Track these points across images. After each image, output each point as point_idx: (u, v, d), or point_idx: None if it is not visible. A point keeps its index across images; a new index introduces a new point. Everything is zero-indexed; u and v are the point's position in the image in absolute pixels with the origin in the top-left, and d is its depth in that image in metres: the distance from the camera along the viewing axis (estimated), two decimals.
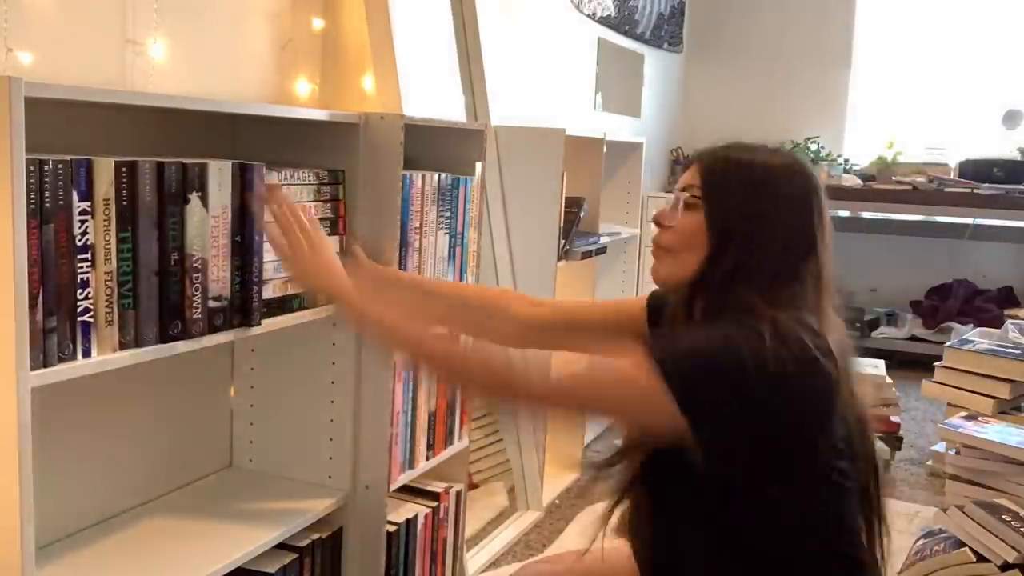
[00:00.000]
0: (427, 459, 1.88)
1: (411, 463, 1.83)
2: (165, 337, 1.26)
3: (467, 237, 1.93)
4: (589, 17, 3.65)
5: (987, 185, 4.41)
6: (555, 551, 2.32)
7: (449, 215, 1.85)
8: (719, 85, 5.16)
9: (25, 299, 1.05)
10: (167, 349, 1.27)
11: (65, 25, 1.40)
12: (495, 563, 2.27)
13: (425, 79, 2.27)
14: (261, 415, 1.78)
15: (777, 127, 4.98)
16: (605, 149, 2.91)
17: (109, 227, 1.17)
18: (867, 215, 4.77)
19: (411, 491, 1.93)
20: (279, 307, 1.49)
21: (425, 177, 1.75)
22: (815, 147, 4.88)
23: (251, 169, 1.37)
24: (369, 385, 1.71)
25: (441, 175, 1.80)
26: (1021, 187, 4.38)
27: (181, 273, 1.27)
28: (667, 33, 4.63)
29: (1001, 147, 4.66)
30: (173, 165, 1.25)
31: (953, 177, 4.57)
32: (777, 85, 5.07)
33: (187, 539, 1.50)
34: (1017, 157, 4.55)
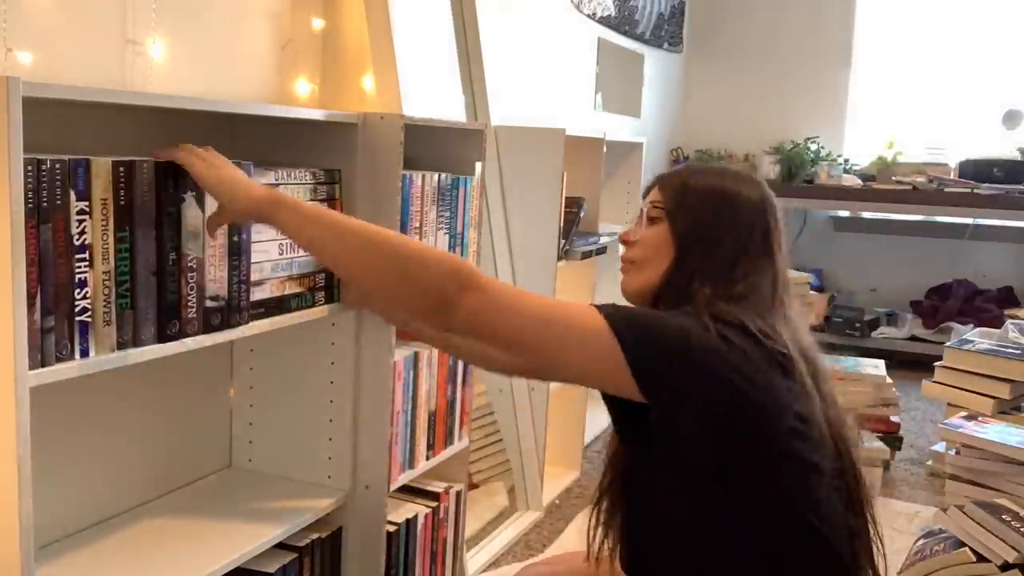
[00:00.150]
0: (427, 459, 1.88)
1: (411, 463, 1.83)
2: (163, 337, 1.26)
3: (467, 237, 1.93)
4: (589, 17, 3.65)
5: (987, 185, 4.41)
6: (555, 551, 2.32)
7: (449, 215, 1.85)
8: (719, 85, 5.16)
9: (23, 299, 1.05)
10: (165, 349, 1.27)
11: (65, 25, 1.40)
12: (495, 563, 2.27)
13: (425, 79, 2.27)
14: (261, 415, 1.78)
15: (777, 127, 4.99)
16: (605, 149, 2.91)
17: (107, 227, 1.17)
18: (867, 215, 4.77)
19: (411, 491, 1.93)
20: (278, 307, 1.49)
21: (425, 177, 1.74)
22: (815, 147, 4.88)
23: (247, 168, 1.37)
24: (369, 385, 1.71)
25: (441, 175, 1.80)
26: (1021, 187, 4.38)
27: (178, 273, 1.27)
28: (667, 33, 4.63)
29: (1001, 147, 4.66)
30: (170, 165, 1.25)
31: (953, 177, 4.57)
32: (777, 85, 5.07)
33: (187, 539, 1.50)
34: (1017, 157, 4.55)
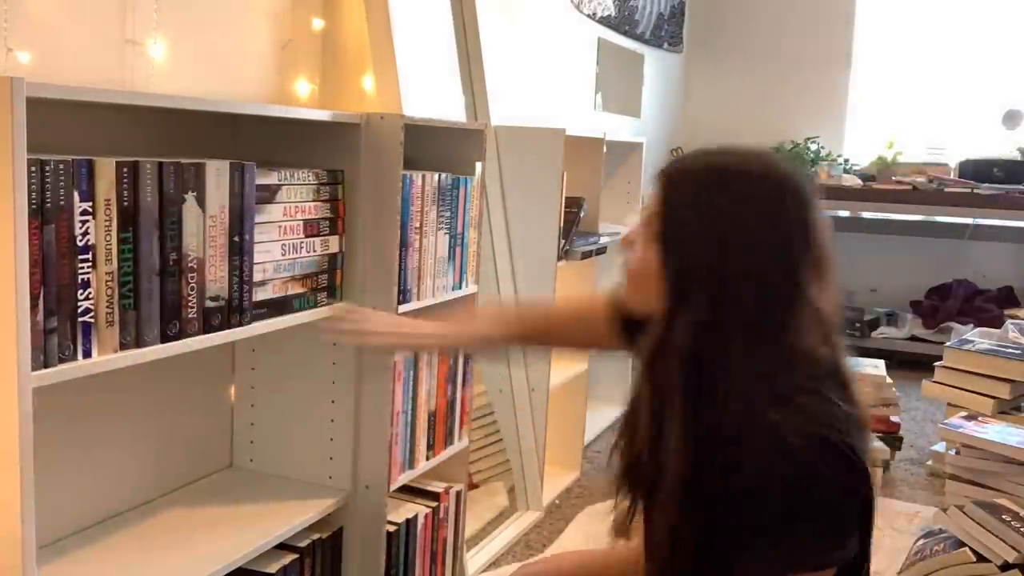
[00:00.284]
0: (427, 459, 1.89)
1: (411, 463, 1.83)
2: (166, 338, 1.27)
3: (467, 237, 1.93)
4: (589, 17, 3.65)
5: (987, 185, 4.41)
6: (555, 551, 2.33)
7: (449, 215, 1.85)
8: (719, 85, 5.16)
9: (26, 299, 1.05)
10: (168, 350, 1.27)
11: (65, 25, 1.40)
12: (495, 563, 2.27)
13: (425, 79, 2.27)
14: (261, 415, 1.78)
15: (777, 127, 4.98)
16: (605, 149, 2.91)
17: (110, 227, 1.17)
18: (867, 215, 4.76)
19: (411, 491, 1.93)
20: (280, 307, 1.50)
21: (425, 177, 1.75)
22: (815, 147, 4.88)
23: (250, 169, 1.37)
24: (369, 385, 1.71)
25: (441, 175, 1.80)
26: (1021, 187, 4.38)
27: (178, 273, 1.27)
28: (667, 33, 4.63)
29: (1001, 147, 4.66)
30: (171, 165, 1.25)
31: (953, 177, 4.57)
32: (777, 85, 5.07)
33: (187, 539, 1.51)
34: (1017, 157, 4.55)
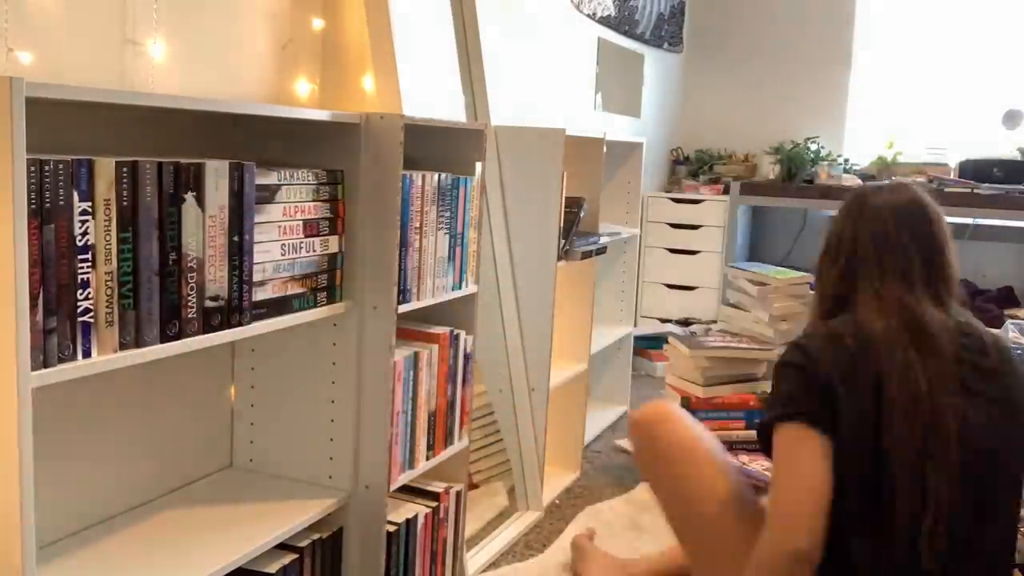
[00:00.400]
0: (427, 459, 1.89)
1: (411, 463, 1.83)
2: (165, 338, 1.27)
3: (467, 237, 1.93)
4: (589, 17, 3.65)
5: (987, 185, 4.41)
6: (555, 551, 2.32)
7: (449, 215, 1.85)
8: (719, 85, 5.16)
9: (26, 299, 1.05)
10: (167, 350, 1.27)
11: (65, 25, 1.40)
12: (495, 563, 2.27)
13: (425, 79, 2.27)
14: (261, 415, 1.78)
15: (777, 127, 4.99)
16: (605, 149, 2.91)
17: (110, 227, 1.17)
18: None
19: (411, 491, 1.93)
20: (280, 307, 1.50)
21: (425, 177, 1.75)
22: (815, 147, 4.88)
23: (249, 169, 1.37)
24: (369, 385, 1.71)
25: (441, 175, 1.80)
26: (1021, 187, 4.38)
27: (178, 273, 1.28)
28: (667, 33, 4.63)
29: (1001, 147, 4.66)
30: (170, 165, 1.25)
31: (953, 177, 4.57)
32: (777, 85, 5.07)
33: (187, 539, 1.51)
34: (1017, 157, 4.55)
